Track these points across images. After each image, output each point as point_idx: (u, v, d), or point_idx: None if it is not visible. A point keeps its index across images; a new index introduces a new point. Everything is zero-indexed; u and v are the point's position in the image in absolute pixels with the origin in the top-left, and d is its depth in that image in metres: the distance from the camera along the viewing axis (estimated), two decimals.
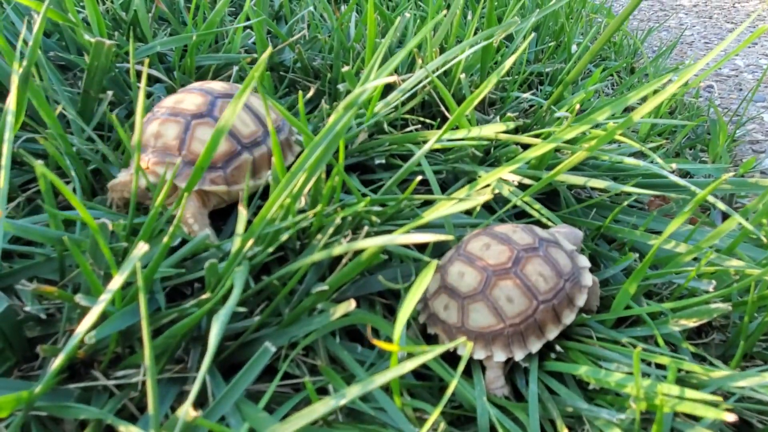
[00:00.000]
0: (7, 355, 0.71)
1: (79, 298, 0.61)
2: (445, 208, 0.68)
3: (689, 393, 0.63)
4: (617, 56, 2.36)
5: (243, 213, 0.67)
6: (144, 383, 0.70)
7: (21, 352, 0.72)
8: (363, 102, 0.73)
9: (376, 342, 0.57)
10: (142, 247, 0.55)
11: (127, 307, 0.66)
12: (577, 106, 1.02)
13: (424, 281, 0.58)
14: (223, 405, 0.66)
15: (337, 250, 0.62)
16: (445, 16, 1.19)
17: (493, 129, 0.96)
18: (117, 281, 0.56)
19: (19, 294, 0.76)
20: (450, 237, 0.54)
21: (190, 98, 0.91)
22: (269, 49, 0.71)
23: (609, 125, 0.88)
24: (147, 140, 0.88)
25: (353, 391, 0.53)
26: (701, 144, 1.74)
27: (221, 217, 0.95)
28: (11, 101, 0.70)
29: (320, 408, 0.52)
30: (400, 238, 0.55)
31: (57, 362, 0.57)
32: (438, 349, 0.51)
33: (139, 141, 0.69)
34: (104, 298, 0.56)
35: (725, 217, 1.36)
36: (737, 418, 0.60)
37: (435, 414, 0.58)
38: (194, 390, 0.50)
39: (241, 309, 0.71)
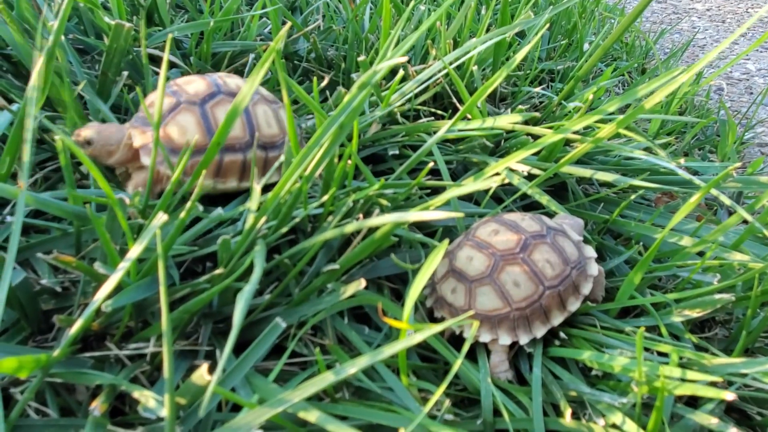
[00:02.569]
0: (22, 325, 0.73)
1: (98, 266, 0.63)
2: (453, 191, 0.70)
3: (690, 375, 0.65)
4: (629, 57, 2.36)
5: (257, 190, 0.68)
6: (155, 356, 0.71)
7: (36, 323, 0.73)
8: (376, 90, 0.74)
9: (386, 319, 0.59)
10: (161, 217, 0.57)
11: (142, 280, 0.68)
12: (590, 96, 1.03)
13: (435, 260, 0.59)
14: (233, 378, 0.68)
15: (349, 228, 0.64)
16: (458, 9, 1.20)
17: (508, 120, 0.97)
18: (136, 250, 0.58)
19: (35, 268, 0.77)
20: (459, 214, 0.56)
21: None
22: (285, 28, 0.72)
23: (618, 119, 0.89)
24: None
25: (362, 362, 0.54)
26: (710, 145, 1.75)
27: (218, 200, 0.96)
28: (36, 77, 0.71)
29: (329, 377, 0.53)
30: (413, 215, 0.57)
31: (74, 328, 0.59)
32: (445, 324, 0.52)
33: (158, 121, 0.71)
34: (123, 266, 0.58)
35: (731, 216, 1.37)
36: (736, 397, 0.61)
37: (438, 392, 0.59)
38: (221, 363, 0.51)
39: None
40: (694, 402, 0.80)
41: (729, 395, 0.58)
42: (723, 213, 1.35)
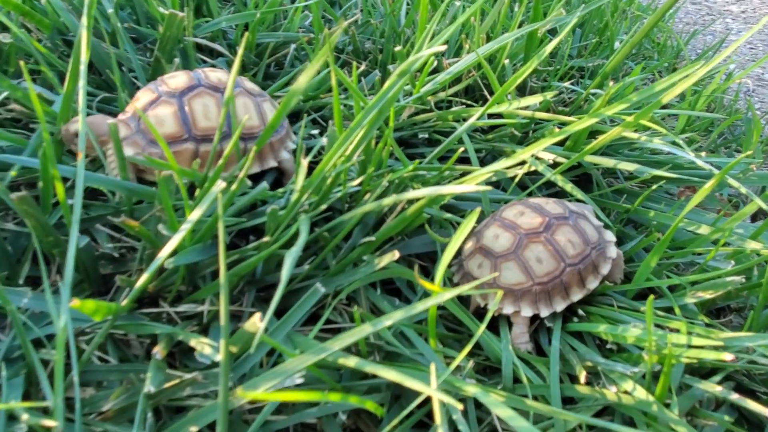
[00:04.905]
0: (84, 286, 0.80)
1: (161, 228, 0.70)
2: (482, 171, 0.75)
3: (696, 341, 0.70)
4: (660, 56, 2.39)
5: (303, 165, 0.75)
6: (205, 315, 0.78)
7: (96, 285, 0.81)
8: (411, 79, 0.79)
9: (420, 281, 0.65)
10: (220, 184, 0.64)
11: (197, 245, 0.75)
12: (612, 83, 1.08)
13: (466, 228, 0.65)
14: (276, 335, 0.75)
15: (387, 201, 0.70)
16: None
17: (533, 100, 1.03)
18: (197, 213, 0.64)
19: (95, 237, 0.85)
20: (487, 188, 0.61)
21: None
22: (343, 23, 0.79)
23: (643, 109, 0.94)
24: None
25: (397, 315, 0.60)
26: (736, 144, 1.78)
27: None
28: (83, 50, 0.78)
29: (367, 328, 0.60)
30: (447, 188, 0.62)
31: (140, 282, 0.66)
32: (471, 284, 0.58)
33: (230, 96, 0.76)
34: (185, 227, 0.64)
35: (754, 217, 1.40)
36: (733, 358, 0.66)
37: (462, 354, 0.65)
38: (269, 314, 0.58)
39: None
40: (705, 378, 0.85)
41: (728, 356, 0.63)
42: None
